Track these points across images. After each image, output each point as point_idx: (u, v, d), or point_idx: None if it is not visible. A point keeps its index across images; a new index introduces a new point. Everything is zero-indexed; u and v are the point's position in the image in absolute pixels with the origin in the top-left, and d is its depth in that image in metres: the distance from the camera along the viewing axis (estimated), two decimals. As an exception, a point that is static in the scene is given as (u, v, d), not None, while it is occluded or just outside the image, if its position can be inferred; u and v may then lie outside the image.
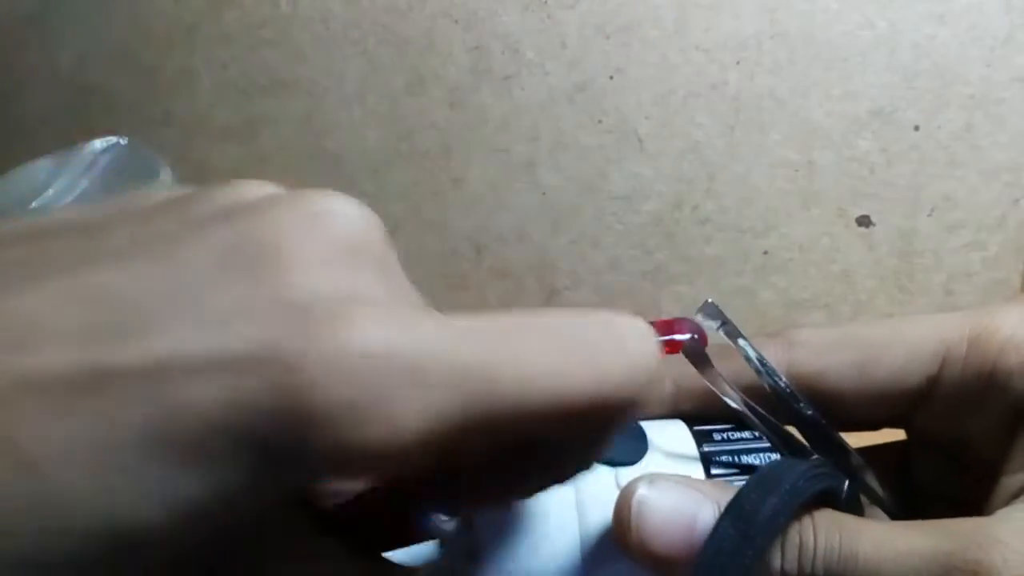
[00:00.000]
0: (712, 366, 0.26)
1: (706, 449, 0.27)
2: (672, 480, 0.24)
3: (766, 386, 0.26)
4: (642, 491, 0.23)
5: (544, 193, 0.44)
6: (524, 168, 0.43)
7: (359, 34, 0.42)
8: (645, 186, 0.43)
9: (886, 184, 0.41)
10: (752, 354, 0.26)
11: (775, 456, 0.27)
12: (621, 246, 0.45)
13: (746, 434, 0.28)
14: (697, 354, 0.26)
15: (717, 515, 0.22)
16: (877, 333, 0.27)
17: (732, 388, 0.27)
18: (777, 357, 0.27)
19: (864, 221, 0.42)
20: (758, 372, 0.26)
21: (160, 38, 0.43)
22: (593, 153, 0.43)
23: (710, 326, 0.26)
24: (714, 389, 0.26)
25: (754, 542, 0.21)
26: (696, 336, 0.26)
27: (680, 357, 0.28)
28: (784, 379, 0.26)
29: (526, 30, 0.40)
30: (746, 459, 0.27)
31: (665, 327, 0.35)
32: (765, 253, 0.44)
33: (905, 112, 0.40)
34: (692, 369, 0.27)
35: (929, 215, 0.42)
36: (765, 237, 0.43)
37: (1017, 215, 0.41)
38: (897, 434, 0.29)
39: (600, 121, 0.42)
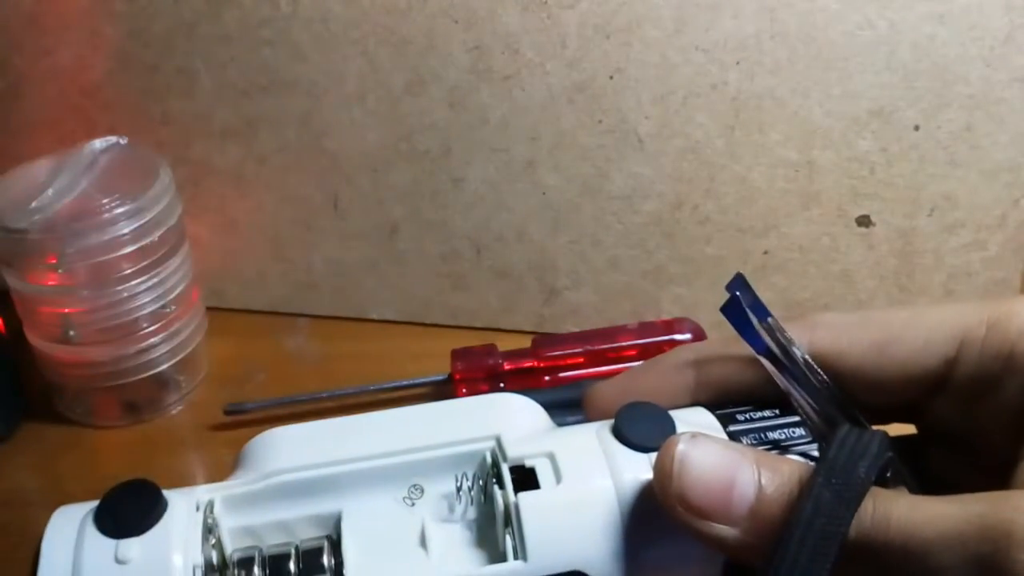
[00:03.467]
0: (753, 328, 0.27)
1: (732, 429, 0.28)
2: (713, 439, 0.25)
3: (787, 362, 0.27)
4: (685, 446, 0.24)
5: (544, 193, 0.44)
6: (524, 168, 0.43)
7: (359, 34, 0.42)
8: (645, 186, 0.43)
9: (886, 184, 0.41)
10: (778, 331, 0.27)
11: (799, 432, 0.28)
12: (621, 246, 0.45)
13: (767, 412, 0.28)
14: (739, 314, 0.27)
15: (756, 477, 0.23)
16: (897, 316, 0.28)
17: (769, 348, 0.27)
18: (799, 338, 0.27)
19: (864, 221, 0.42)
20: (782, 348, 0.27)
21: (160, 38, 0.43)
22: (593, 153, 0.43)
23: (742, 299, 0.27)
24: (755, 354, 0.27)
25: (851, 504, 0.22)
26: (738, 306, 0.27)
27: (701, 348, 0.30)
28: (807, 356, 0.27)
29: (526, 30, 0.40)
30: (772, 435, 0.28)
31: (665, 327, 0.35)
32: (765, 253, 0.44)
33: (905, 112, 0.40)
34: (711, 360, 0.29)
35: (929, 215, 0.42)
36: (765, 237, 0.43)
37: (1017, 215, 0.41)
38: (906, 430, 0.29)
39: (600, 121, 0.42)
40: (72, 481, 0.39)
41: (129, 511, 0.26)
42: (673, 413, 0.27)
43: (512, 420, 0.29)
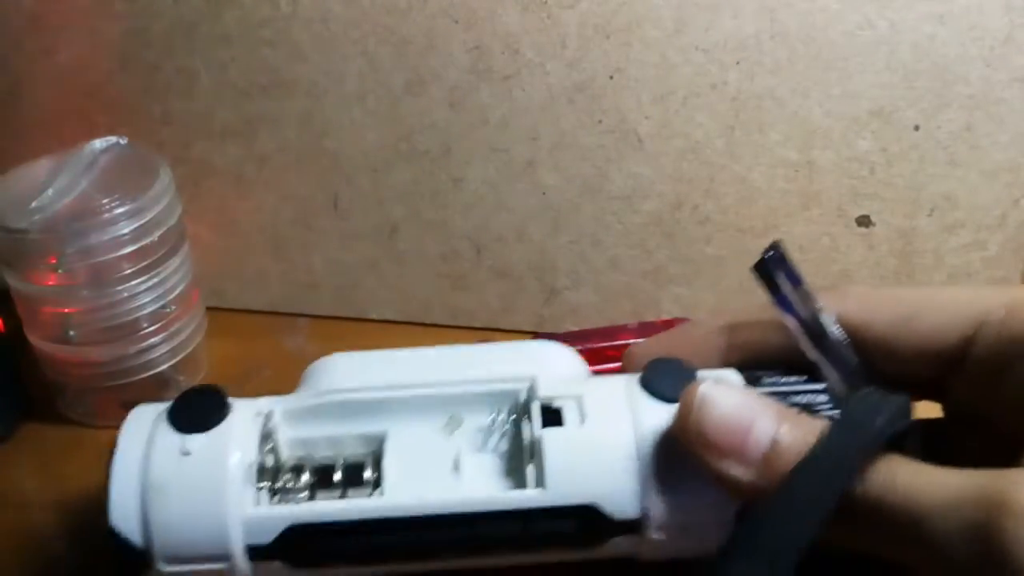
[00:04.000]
0: (781, 290, 0.29)
1: (758, 391, 0.29)
2: (737, 387, 0.27)
3: (815, 329, 0.28)
4: (708, 387, 0.26)
5: (544, 193, 0.44)
6: (524, 168, 0.43)
7: (359, 34, 0.42)
8: (645, 186, 0.43)
9: (886, 184, 0.41)
10: (809, 298, 0.29)
11: (824, 398, 0.29)
12: (621, 246, 0.45)
13: (793, 378, 0.30)
14: (770, 275, 0.29)
15: (775, 425, 0.25)
16: (921, 293, 0.29)
17: (798, 309, 0.29)
18: (829, 306, 0.29)
19: (864, 221, 0.42)
20: (812, 315, 0.28)
21: (160, 38, 0.43)
22: (593, 153, 0.43)
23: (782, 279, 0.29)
24: (782, 312, 0.29)
25: (860, 453, 0.23)
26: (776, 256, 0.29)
27: (735, 313, 0.31)
28: (836, 325, 0.28)
29: (526, 30, 0.40)
30: (797, 399, 0.29)
31: (665, 326, 0.36)
32: (765, 253, 0.44)
33: (905, 112, 0.40)
34: (743, 325, 0.31)
35: (929, 215, 0.42)
36: (765, 237, 0.43)
37: (1017, 215, 0.41)
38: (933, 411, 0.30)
39: (600, 121, 0.42)
40: (72, 481, 0.39)
41: (197, 411, 0.29)
42: (701, 372, 0.29)
43: (549, 365, 0.31)
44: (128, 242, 0.38)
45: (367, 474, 0.29)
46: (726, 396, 0.26)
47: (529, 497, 0.28)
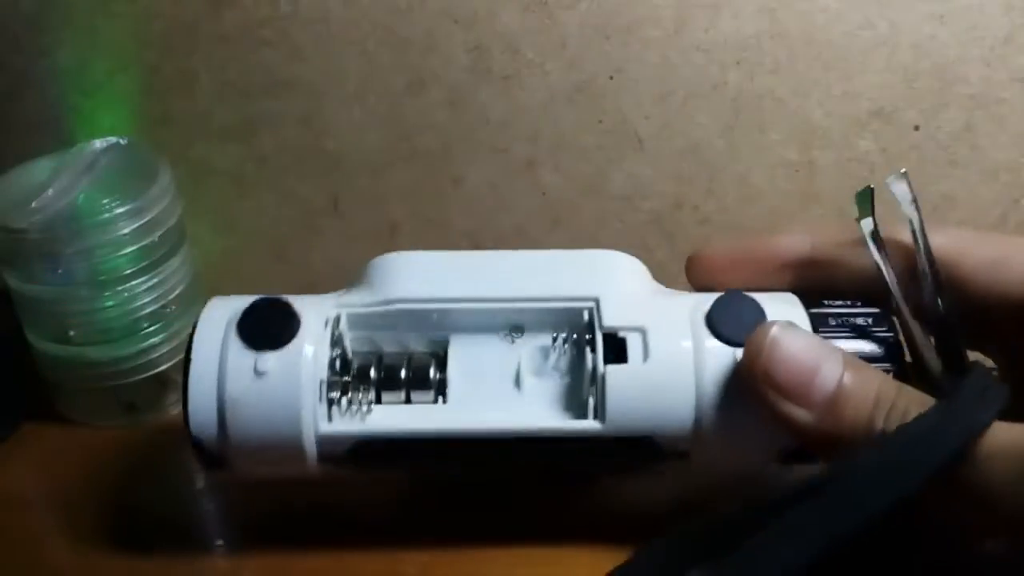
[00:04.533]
0: (873, 219, 0.30)
1: (815, 311, 0.30)
2: (808, 332, 0.27)
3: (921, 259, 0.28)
4: (779, 329, 0.26)
5: (544, 193, 0.44)
6: (524, 168, 0.43)
7: (359, 34, 0.42)
8: (645, 186, 0.43)
9: (886, 184, 0.41)
10: (917, 226, 0.29)
11: (880, 324, 0.30)
12: (621, 246, 0.44)
13: (849, 304, 0.30)
14: (867, 205, 0.30)
15: (840, 371, 0.26)
16: (1015, 240, 0.29)
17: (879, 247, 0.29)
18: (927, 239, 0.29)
19: (864, 221, 0.42)
20: (916, 243, 0.29)
21: (160, 38, 0.43)
22: (593, 153, 0.43)
23: (902, 192, 0.30)
24: (868, 241, 0.30)
25: (957, 438, 0.23)
26: None
27: (817, 244, 0.31)
28: (933, 262, 0.28)
29: (526, 30, 0.40)
30: (853, 321, 0.30)
31: None
32: (765, 253, 0.44)
33: (905, 112, 0.40)
34: (820, 262, 0.31)
35: (929, 215, 0.42)
36: (765, 237, 0.43)
37: (1017, 215, 0.41)
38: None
39: (600, 121, 0.42)
40: (72, 481, 0.39)
41: (268, 326, 0.29)
42: (764, 300, 0.29)
43: (615, 280, 0.31)
44: (128, 242, 0.38)
45: (432, 374, 0.30)
46: (795, 338, 0.26)
47: (589, 428, 0.29)
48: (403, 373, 0.30)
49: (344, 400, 0.30)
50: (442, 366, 0.31)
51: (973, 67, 0.39)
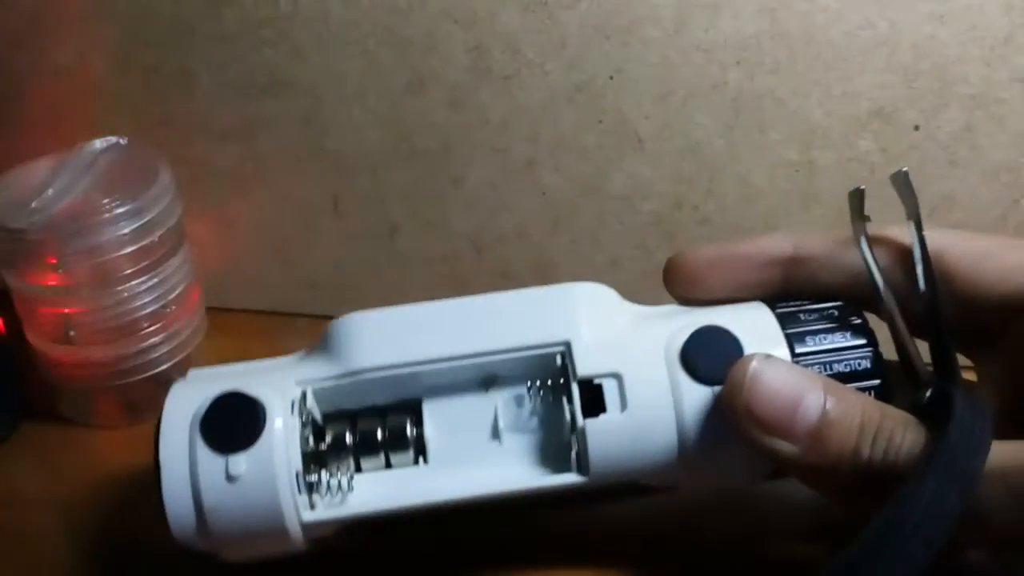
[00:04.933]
0: (861, 219, 0.30)
1: (790, 330, 0.30)
2: (787, 363, 0.27)
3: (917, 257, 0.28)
4: (758, 363, 0.26)
5: (544, 193, 0.44)
6: (524, 168, 0.43)
7: (359, 34, 0.42)
8: (645, 186, 0.43)
9: (886, 184, 0.41)
10: (916, 232, 0.29)
11: (862, 345, 0.29)
12: (621, 246, 0.45)
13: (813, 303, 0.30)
14: (857, 206, 0.30)
15: (822, 401, 0.25)
16: (999, 238, 0.29)
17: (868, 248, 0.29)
18: (905, 234, 0.29)
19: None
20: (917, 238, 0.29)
21: (160, 38, 0.43)
22: (593, 153, 0.43)
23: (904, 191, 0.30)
24: (861, 243, 0.29)
25: (961, 495, 0.23)
26: None
27: (800, 245, 0.31)
28: (929, 264, 0.28)
29: (526, 30, 0.40)
30: (817, 325, 0.30)
31: None
32: (765, 253, 0.44)
33: (905, 112, 0.40)
34: (804, 262, 0.30)
35: (929, 215, 0.42)
36: (765, 237, 0.43)
37: (1017, 215, 0.41)
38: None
39: (600, 121, 0.42)
40: (72, 481, 0.39)
41: (233, 426, 0.28)
42: (736, 323, 0.29)
43: (584, 318, 0.30)
44: (128, 242, 0.38)
45: (409, 433, 0.30)
46: (774, 372, 0.26)
47: (573, 482, 0.29)
48: (379, 435, 0.30)
49: (324, 477, 0.29)
50: (418, 422, 0.30)
51: (973, 67, 0.39)
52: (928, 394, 0.27)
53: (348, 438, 0.30)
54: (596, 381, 0.29)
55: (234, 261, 0.48)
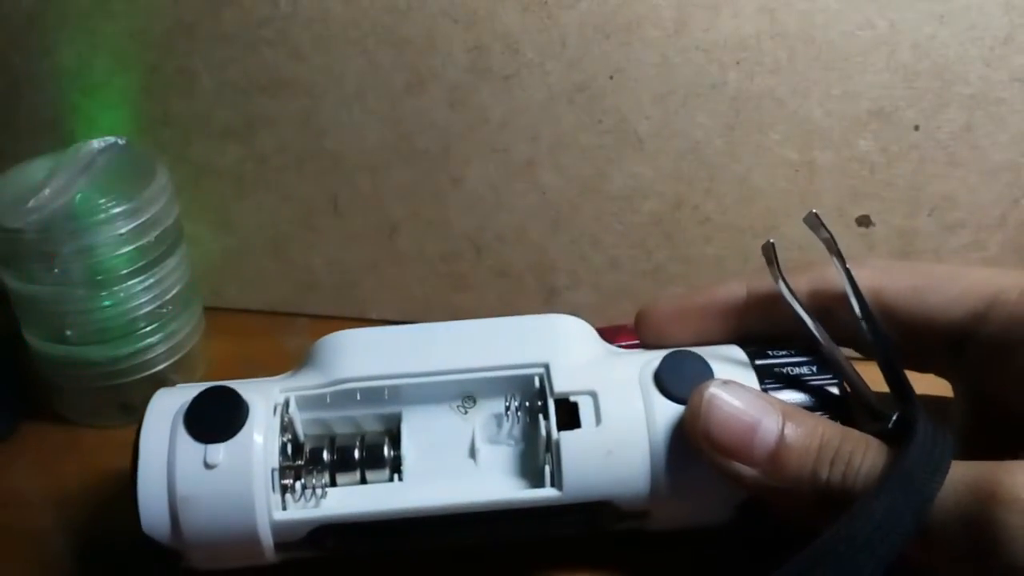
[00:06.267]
0: (780, 272, 0.30)
1: (759, 363, 0.31)
2: (745, 387, 0.27)
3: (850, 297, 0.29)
4: (715, 389, 0.27)
5: (544, 193, 0.44)
6: (524, 168, 0.43)
7: (359, 34, 0.42)
8: (645, 186, 0.43)
9: (886, 184, 0.41)
10: (840, 265, 0.29)
11: (828, 377, 0.30)
12: (621, 246, 0.44)
13: (787, 352, 0.31)
14: (770, 258, 0.30)
15: (780, 426, 0.26)
16: (939, 268, 0.30)
17: (794, 296, 0.30)
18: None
19: (864, 221, 0.42)
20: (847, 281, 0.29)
21: (160, 38, 0.43)
22: (593, 153, 0.43)
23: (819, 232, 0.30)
24: (783, 291, 0.30)
25: (916, 516, 0.23)
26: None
27: (753, 287, 0.32)
28: (861, 297, 0.29)
29: (526, 30, 0.40)
30: (791, 371, 0.30)
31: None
32: (765, 253, 0.43)
33: (905, 112, 0.40)
34: (763, 282, 0.31)
35: (929, 215, 0.42)
36: (765, 237, 0.43)
37: (1017, 215, 0.41)
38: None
39: (600, 121, 0.42)
40: (71, 481, 0.39)
41: (215, 417, 0.29)
42: (710, 355, 0.30)
43: (563, 345, 0.31)
44: (125, 242, 0.38)
45: (386, 452, 0.30)
46: (731, 397, 0.26)
47: (547, 496, 0.29)
48: (357, 453, 0.30)
49: (299, 485, 0.29)
50: (396, 443, 0.30)
51: (973, 67, 0.38)
52: (894, 418, 0.27)
53: (326, 454, 0.30)
54: (572, 399, 0.29)
55: (234, 261, 0.48)
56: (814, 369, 0.30)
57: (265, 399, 0.29)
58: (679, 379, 0.29)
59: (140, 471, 0.29)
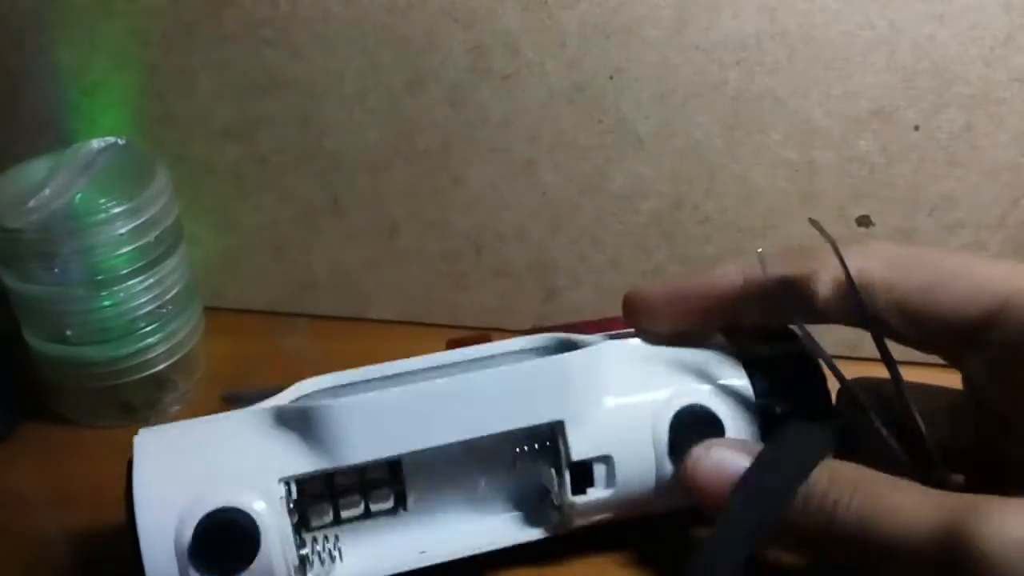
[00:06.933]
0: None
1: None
2: (724, 444, 0.30)
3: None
4: (698, 451, 0.29)
5: (544, 193, 0.44)
6: (524, 168, 0.43)
7: (359, 34, 0.42)
8: (645, 186, 0.43)
9: (886, 184, 0.41)
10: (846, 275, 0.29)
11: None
12: (621, 246, 0.44)
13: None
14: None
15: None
16: (950, 261, 0.28)
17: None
18: (852, 263, 0.28)
19: (864, 221, 0.42)
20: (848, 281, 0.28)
21: (160, 38, 0.43)
22: (593, 153, 0.43)
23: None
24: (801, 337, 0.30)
25: (786, 488, 0.26)
26: None
27: (753, 258, 0.31)
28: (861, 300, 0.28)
29: (526, 30, 0.40)
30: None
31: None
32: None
33: (905, 112, 0.40)
34: (753, 301, 0.31)
35: (929, 215, 0.42)
36: (765, 237, 0.43)
37: (1017, 215, 0.41)
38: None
39: (600, 121, 0.42)
40: (71, 481, 0.39)
41: (227, 550, 0.27)
42: (714, 385, 0.31)
43: (576, 396, 0.30)
44: (125, 242, 0.38)
45: (391, 502, 0.31)
46: (710, 456, 0.29)
47: (552, 540, 0.31)
48: (361, 508, 0.31)
49: (315, 559, 0.30)
50: (398, 475, 0.31)
51: (973, 67, 0.38)
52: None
53: (330, 514, 0.30)
54: (586, 459, 0.30)
55: (233, 261, 0.48)
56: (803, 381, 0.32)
57: (266, 499, 0.28)
58: (689, 440, 0.30)
59: None
